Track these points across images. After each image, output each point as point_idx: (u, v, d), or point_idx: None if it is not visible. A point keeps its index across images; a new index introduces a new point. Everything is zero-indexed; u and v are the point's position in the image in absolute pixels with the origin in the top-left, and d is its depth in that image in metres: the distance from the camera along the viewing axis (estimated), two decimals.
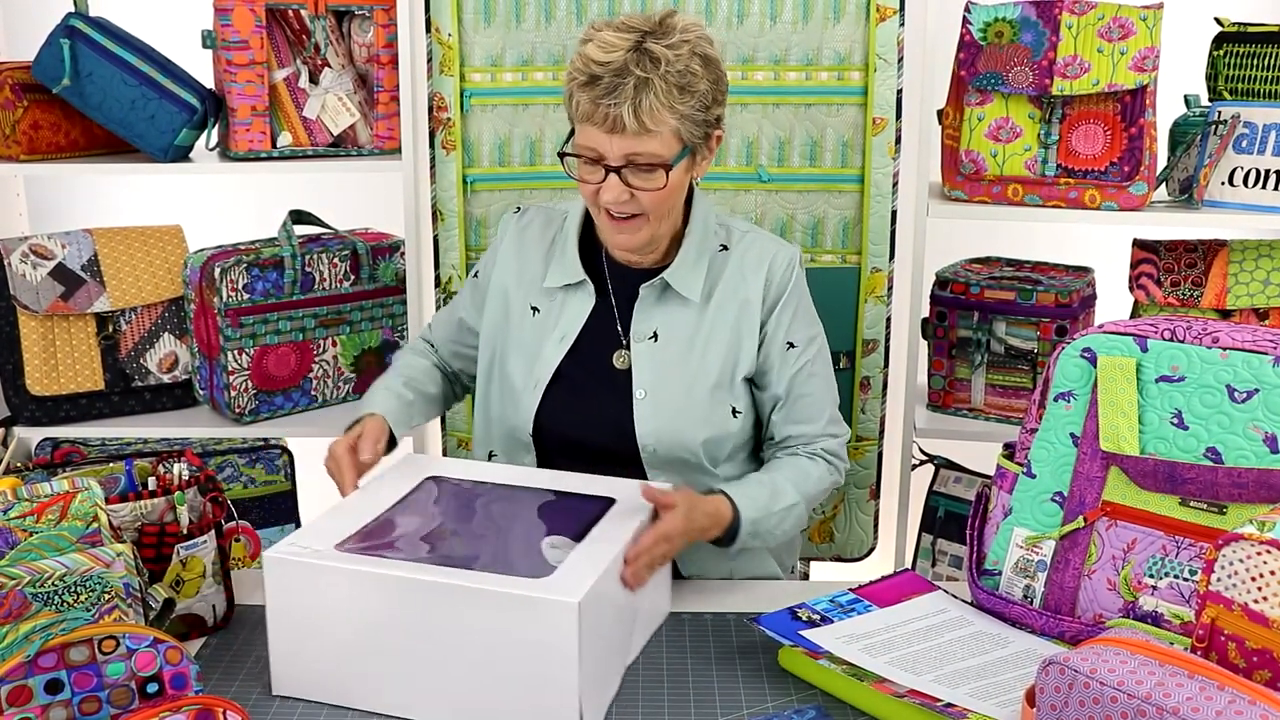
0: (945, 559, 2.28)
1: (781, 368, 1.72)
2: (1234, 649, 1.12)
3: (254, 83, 2.16)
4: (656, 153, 1.56)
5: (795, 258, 1.75)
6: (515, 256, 1.78)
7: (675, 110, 1.55)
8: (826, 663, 1.38)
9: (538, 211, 1.81)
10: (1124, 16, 1.97)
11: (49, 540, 1.36)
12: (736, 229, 1.77)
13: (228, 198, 2.66)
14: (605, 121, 1.54)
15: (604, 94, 1.53)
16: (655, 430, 1.68)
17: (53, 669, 1.19)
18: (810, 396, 1.74)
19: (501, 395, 1.76)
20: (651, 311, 1.71)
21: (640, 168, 1.57)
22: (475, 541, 1.51)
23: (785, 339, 1.72)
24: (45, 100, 2.16)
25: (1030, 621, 1.47)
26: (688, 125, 1.58)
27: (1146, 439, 1.41)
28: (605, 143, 1.56)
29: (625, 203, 1.60)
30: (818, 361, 1.75)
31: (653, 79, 1.53)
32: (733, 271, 1.72)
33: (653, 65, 1.53)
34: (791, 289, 1.73)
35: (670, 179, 1.59)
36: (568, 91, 1.60)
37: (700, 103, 1.58)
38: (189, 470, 1.56)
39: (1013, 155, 2.07)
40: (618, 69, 1.53)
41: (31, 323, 2.10)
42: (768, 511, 1.62)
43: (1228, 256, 2.07)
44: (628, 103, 1.52)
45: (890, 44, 2.14)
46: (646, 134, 1.55)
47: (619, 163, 1.57)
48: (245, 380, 2.14)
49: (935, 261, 2.25)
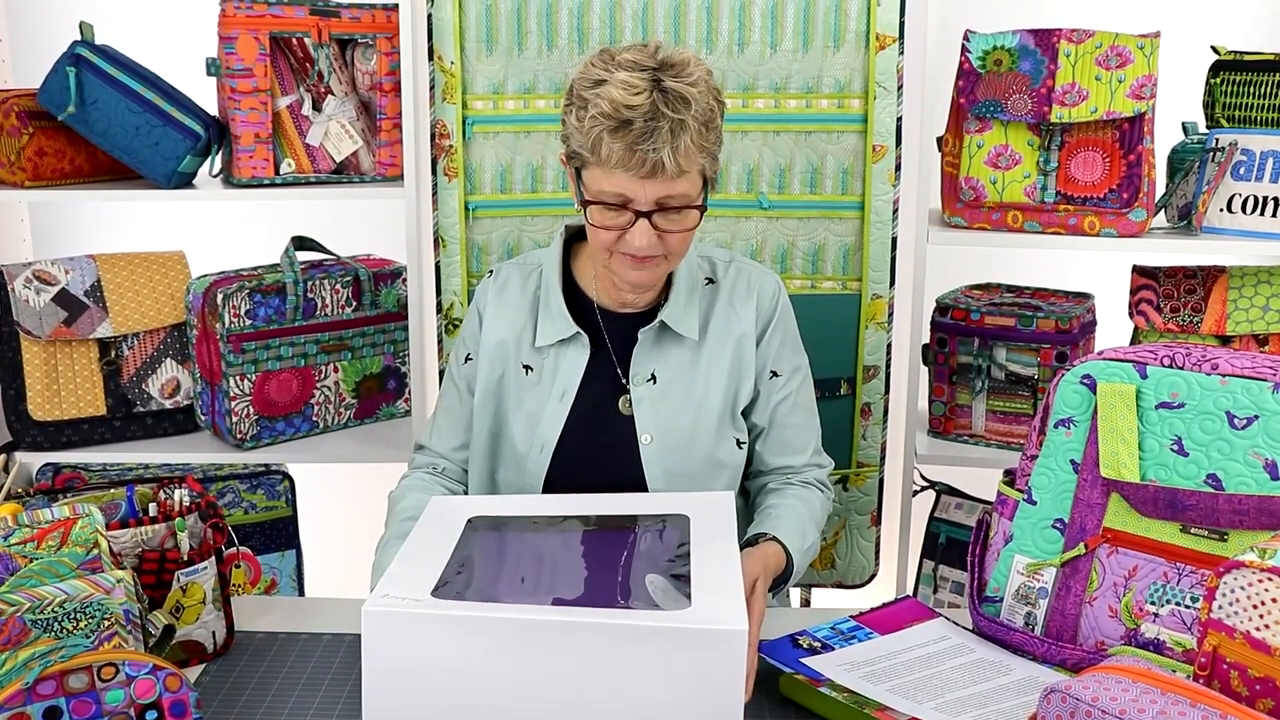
0: (947, 585, 2.27)
1: (765, 396, 1.73)
2: (1236, 677, 1.11)
3: (258, 110, 2.17)
4: (687, 193, 1.53)
5: (778, 283, 1.76)
6: (499, 318, 1.73)
7: (705, 149, 1.53)
8: (828, 690, 1.38)
9: (511, 268, 1.77)
10: (1122, 45, 1.98)
11: (49, 566, 1.36)
12: (719, 260, 1.75)
13: (231, 224, 2.67)
14: (643, 166, 1.48)
15: (640, 139, 1.47)
16: (664, 473, 1.68)
17: (52, 696, 1.19)
18: (795, 427, 1.74)
19: (506, 460, 1.73)
20: (649, 354, 1.70)
21: (670, 210, 1.54)
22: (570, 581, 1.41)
23: (770, 368, 1.72)
24: (50, 127, 2.17)
25: (1032, 649, 1.47)
26: (709, 163, 1.57)
27: (1147, 466, 1.41)
28: (637, 188, 1.51)
29: (651, 246, 1.55)
30: (801, 392, 1.75)
31: (686, 120, 1.49)
32: (723, 305, 1.72)
33: (683, 106, 1.49)
34: (778, 318, 1.73)
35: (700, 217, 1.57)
36: (590, 136, 1.51)
37: (717, 139, 1.57)
38: (190, 496, 1.56)
39: (1012, 182, 2.08)
40: (649, 113, 1.47)
41: (34, 348, 2.11)
42: (803, 549, 1.64)
43: (1227, 283, 2.07)
44: (667, 146, 1.48)
45: (890, 72, 2.16)
46: (681, 176, 1.51)
47: (649, 207, 1.52)
48: (247, 406, 2.15)
49: (935, 288, 2.25)
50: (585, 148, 1.53)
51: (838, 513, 2.33)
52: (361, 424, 2.32)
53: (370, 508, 2.77)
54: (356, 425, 2.31)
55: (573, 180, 1.61)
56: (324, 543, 2.64)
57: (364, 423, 2.33)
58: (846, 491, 2.32)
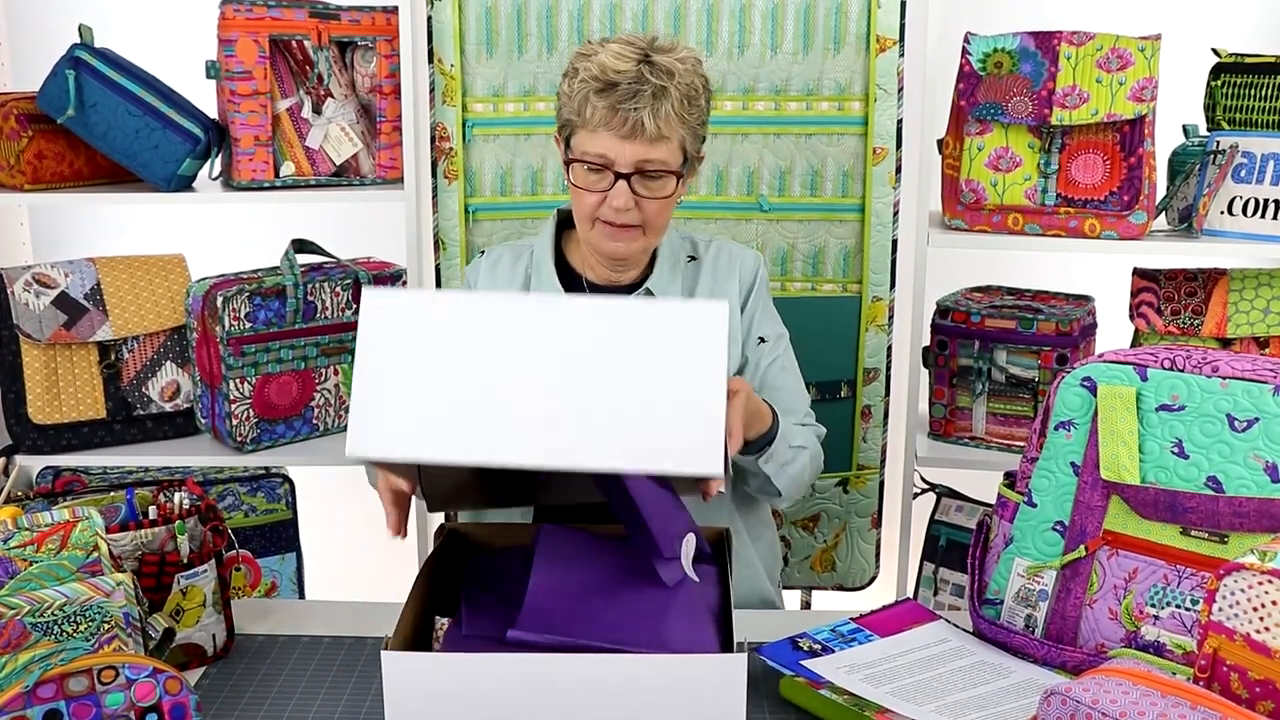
0: (947, 588, 2.27)
1: (755, 361, 1.77)
2: (1236, 679, 1.11)
3: (257, 113, 2.17)
4: (666, 160, 1.61)
5: (758, 257, 1.82)
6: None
7: (685, 121, 1.62)
8: (828, 693, 1.37)
9: (503, 249, 1.83)
10: (1122, 47, 1.98)
11: (49, 570, 1.35)
12: (700, 240, 1.82)
13: (230, 227, 2.67)
14: (624, 126, 1.58)
15: (623, 99, 1.57)
16: None
17: (51, 699, 1.18)
18: (785, 389, 1.77)
19: None
20: None
21: (649, 175, 1.61)
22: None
23: (757, 334, 1.77)
24: (50, 130, 2.17)
25: (1032, 651, 1.47)
26: (690, 138, 1.65)
27: (1147, 468, 1.41)
28: (618, 148, 1.59)
29: (628, 212, 1.62)
30: (787, 357, 1.80)
31: (669, 87, 1.58)
32: (706, 278, 1.78)
33: (667, 75, 1.59)
34: (758, 288, 1.79)
35: (677, 187, 1.64)
36: (577, 98, 1.60)
37: (701, 118, 1.66)
38: (190, 499, 1.56)
39: (1013, 185, 2.08)
40: (634, 77, 1.58)
41: (34, 351, 2.11)
42: (788, 438, 1.65)
43: (1228, 285, 2.07)
44: (648, 108, 1.57)
45: (890, 74, 2.16)
46: (660, 140, 1.60)
47: (629, 170, 1.60)
48: (247, 409, 2.15)
49: (936, 290, 2.25)
50: (573, 111, 1.62)
51: (838, 515, 2.33)
52: None
53: (370, 511, 2.77)
54: None
55: (561, 151, 1.69)
56: (324, 546, 2.64)
57: None
58: (847, 494, 2.32)
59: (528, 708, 1.21)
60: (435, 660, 1.23)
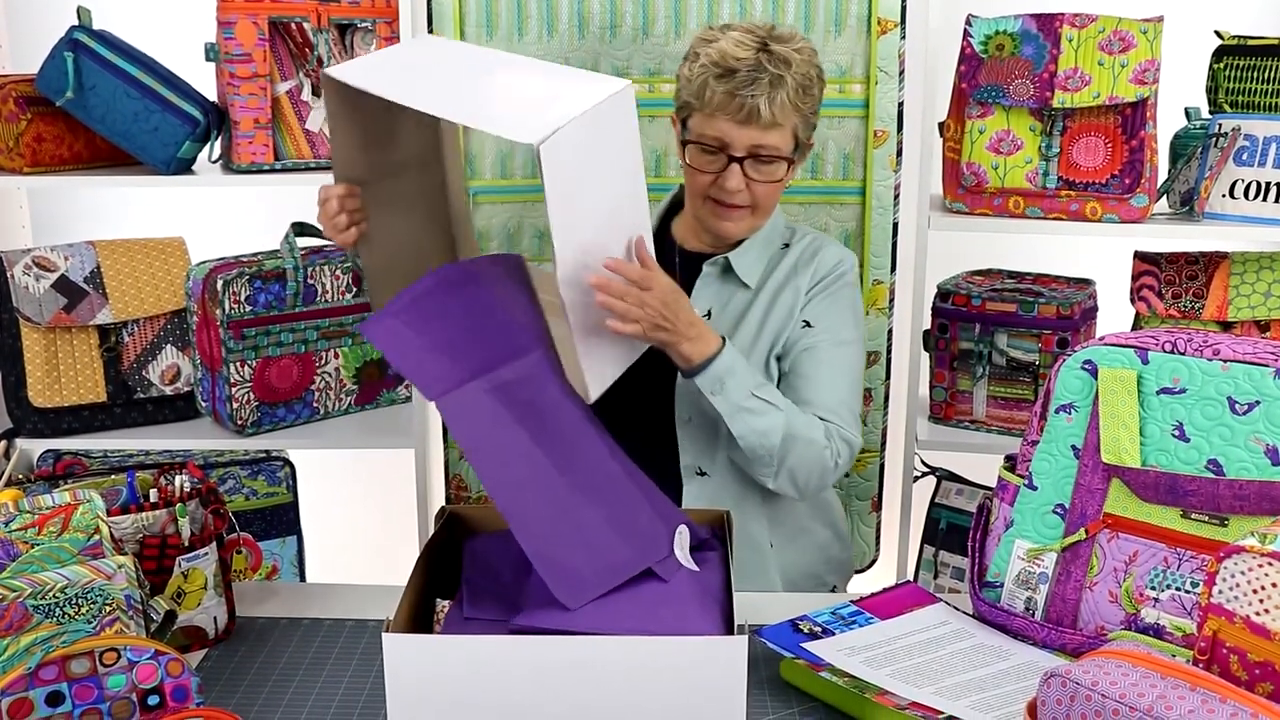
0: (947, 571, 2.28)
1: (792, 342, 1.78)
2: (1236, 661, 1.11)
3: (257, 95, 2.16)
4: (779, 146, 1.69)
5: (848, 259, 1.83)
6: None
7: (799, 110, 1.69)
8: (828, 675, 1.38)
9: None
10: (1124, 30, 1.98)
11: (50, 552, 1.36)
12: (800, 231, 1.87)
13: (230, 210, 2.66)
14: (741, 111, 1.65)
15: (742, 85, 1.64)
16: (693, 400, 1.74)
17: (54, 681, 1.19)
18: (810, 379, 1.75)
19: None
20: (709, 292, 1.80)
21: (761, 160, 1.69)
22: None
23: (804, 318, 1.78)
24: (48, 113, 2.16)
25: (1032, 634, 1.47)
26: (804, 126, 1.72)
27: (1148, 451, 1.41)
28: (734, 133, 1.67)
29: (740, 193, 1.70)
30: (832, 353, 1.76)
31: (786, 76, 1.65)
32: (788, 264, 1.81)
33: (784, 64, 1.66)
34: (830, 281, 1.80)
35: (788, 172, 1.72)
36: (696, 82, 1.68)
37: (814, 107, 1.73)
38: (191, 482, 1.56)
39: (1014, 168, 2.07)
40: (753, 64, 1.65)
41: (34, 335, 2.11)
42: (749, 385, 1.65)
43: (1229, 269, 2.07)
44: (764, 95, 1.64)
45: (891, 57, 2.15)
46: (774, 127, 1.67)
47: (742, 153, 1.68)
48: (247, 392, 2.15)
49: (936, 274, 2.25)
50: (692, 94, 1.70)
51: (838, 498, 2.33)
52: (362, 410, 2.32)
53: (371, 493, 2.78)
54: (357, 411, 2.31)
55: (678, 131, 1.77)
56: (325, 529, 2.64)
57: (365, 409, 2.32)
58: (847, 477, 2.32)
59: (529, 690, 1.21)
60: (436, 642, 1.24)
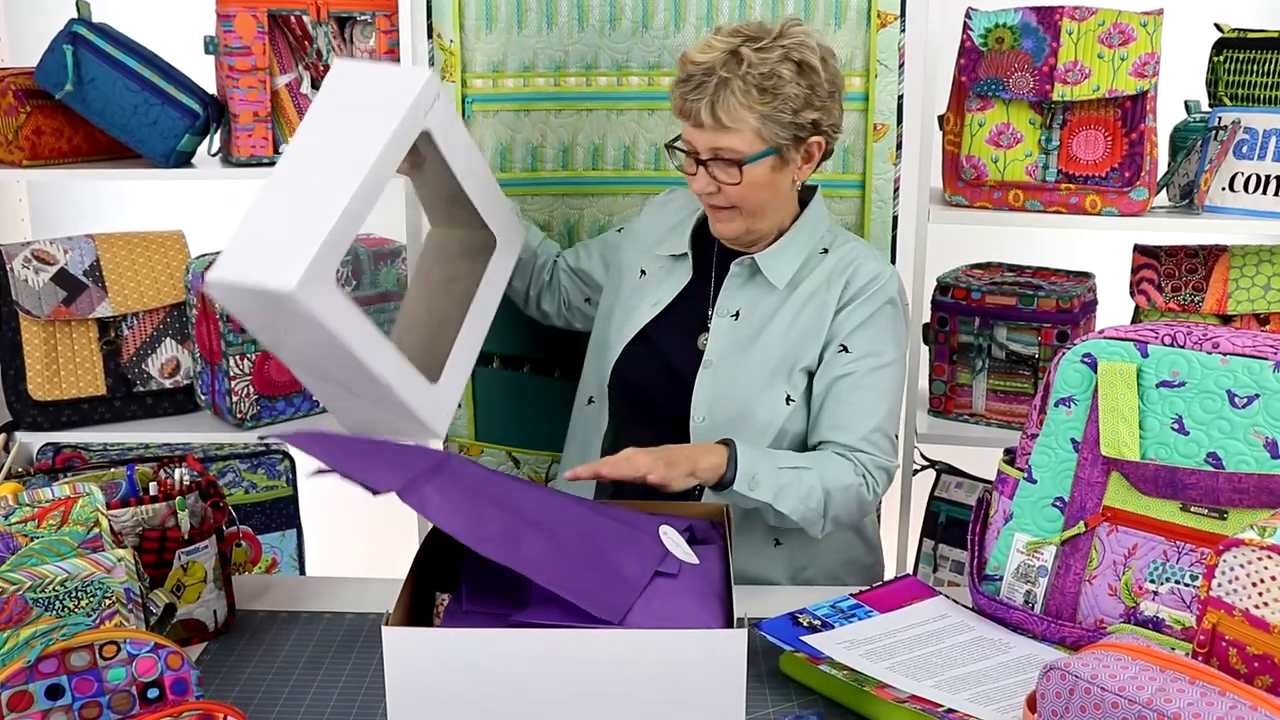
0: (946, 564, 2.28)
1: (827, 368, 1.75)
2: (1235, 654, 1.12)
3: (256, 88, 2.16)
4: (735, 149, 1.67)
5: (885, 274, 1.78)
6: (649, 225, 1.92)
7: (754, 110, 1.65)
8: (828, 668, 1.38)
9: (683, 194, 1.91)
10: (1124, 22, 1.97)
11: (50, 545, 1.36)
12: (843, 239, 1.84)
13: (230, 203, 2.65)
14: (690, 116, 1.68)
15: (690, 91, 1.66)
16: (709, 400, 1.74)
17: (53, 674, 1.19)
18: (849, 405, 1.72)
19: (599, 345, 1.90)
20: (738, 291, 1.80)
21: (722, 162, 1.68)
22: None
23: (841, 341, 1.75)
24: (48, 106, 2.16)
25: (1031, 627, 1.47)
26: (770, 126, 1.66)
27: (1147, 444, 1.41)
28: (694, 136, 1.69)
29: (713, 194, 1.71)
30: (872, 378, 1.73)
31: (732, 79, 1.63)
32: (823, 273, 1.79)
33: (736, 66, 1.64)
34: (867, 299, 1.76)
35: (745, 174, 1.67)
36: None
37: (787, 106, 1.66)
38: (190, 475, 1.56)
39: (1014, 161, 2.07)
40: (706, 69, 1.65)
41: (34, 328, 2.11)
42: (775, 463, 1.64)
43: (1228, 262, 2.07)
44: (705, 100, 1.64)
45: (891, 49, 2.14)
46: (725, 130, 1.65)
47: (706, 156, 1.69)
48: (247, 385, 2.15)
49: (936, 267, 2.25)
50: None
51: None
52: None
53: None
54: None
55: None
56: (325, 522, 2.64)
57: None
58: None
59: (529, 683, 1.22)
60: (436, 636, 1.24)
